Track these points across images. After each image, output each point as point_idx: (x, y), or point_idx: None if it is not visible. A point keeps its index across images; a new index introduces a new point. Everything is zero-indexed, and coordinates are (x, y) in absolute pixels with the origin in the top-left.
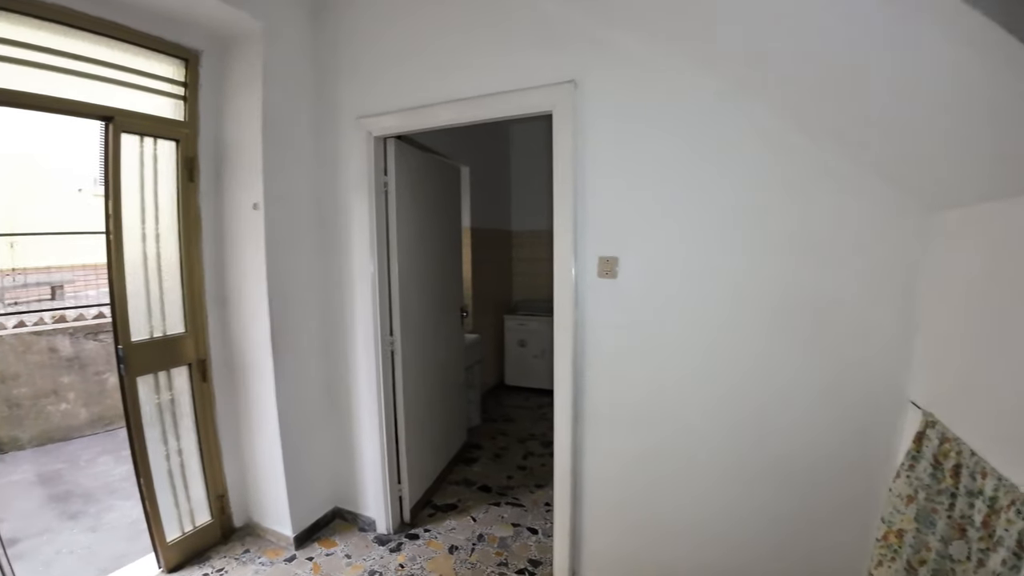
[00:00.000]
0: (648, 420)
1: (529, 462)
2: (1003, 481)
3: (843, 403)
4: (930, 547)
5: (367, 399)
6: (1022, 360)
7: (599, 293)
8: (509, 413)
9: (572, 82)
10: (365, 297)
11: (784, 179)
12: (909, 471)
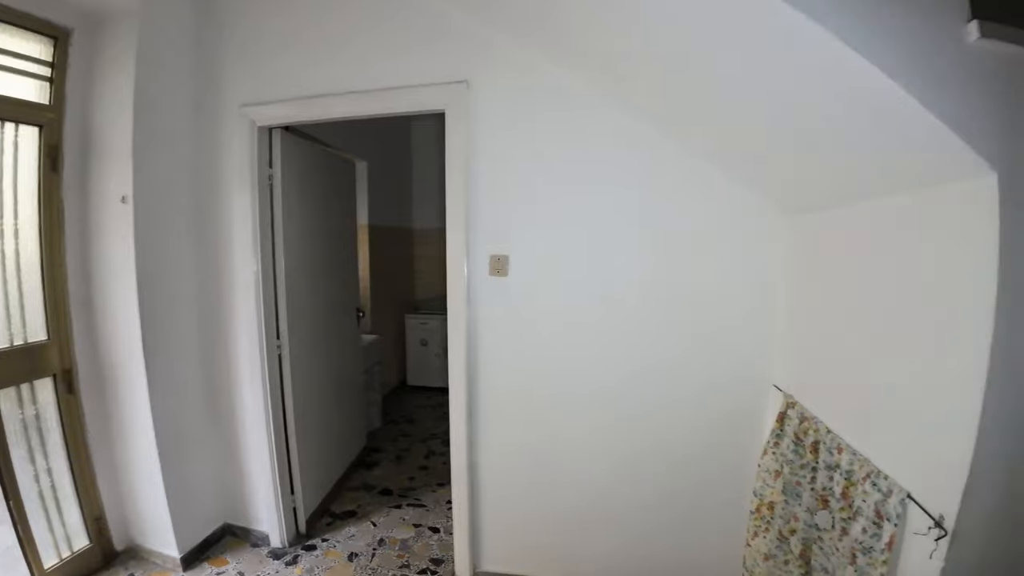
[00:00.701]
0: (540, 412)
1: (431, 461)
2: (857, 455)
3: (717, 388)
4: (798, 517)
5: (253, 407)
6: (849, 347)
7: (491, 290)
8: (412, 414)
9: (464, 82)
10: (248, 298)
11: (662, 182)
12: (775, 448)
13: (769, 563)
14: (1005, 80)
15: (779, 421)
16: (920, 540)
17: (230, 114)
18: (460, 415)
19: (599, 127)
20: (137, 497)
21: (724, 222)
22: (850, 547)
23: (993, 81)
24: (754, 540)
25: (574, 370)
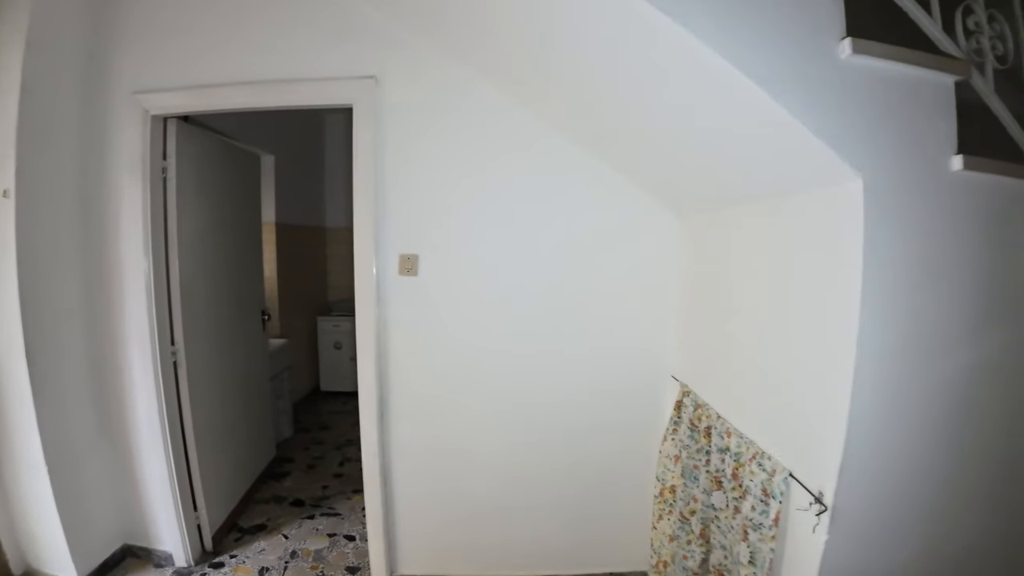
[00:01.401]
0: (452, 410)
1: (346, 468)
2: (744, 438)
3: (620, 380)
4: (697, 499)
5: (148, 418)
6: (735, 338)
7: (401, 290)
8: (325, 420)
9: (373, 78)
10: (139, 300)
11: (569, 184)
12: (673, 434)
13: (674, 544)
14: (873, 93)
15: (676, 409)
16: (804, 515)
17: (122, 102)
18: (371, 419)
19: (509, 130)
20: (29, 518)
21: (625, 223)
22: (742, 524)
23: (862, 94)
24: (659, 523)
25: (484, 368)
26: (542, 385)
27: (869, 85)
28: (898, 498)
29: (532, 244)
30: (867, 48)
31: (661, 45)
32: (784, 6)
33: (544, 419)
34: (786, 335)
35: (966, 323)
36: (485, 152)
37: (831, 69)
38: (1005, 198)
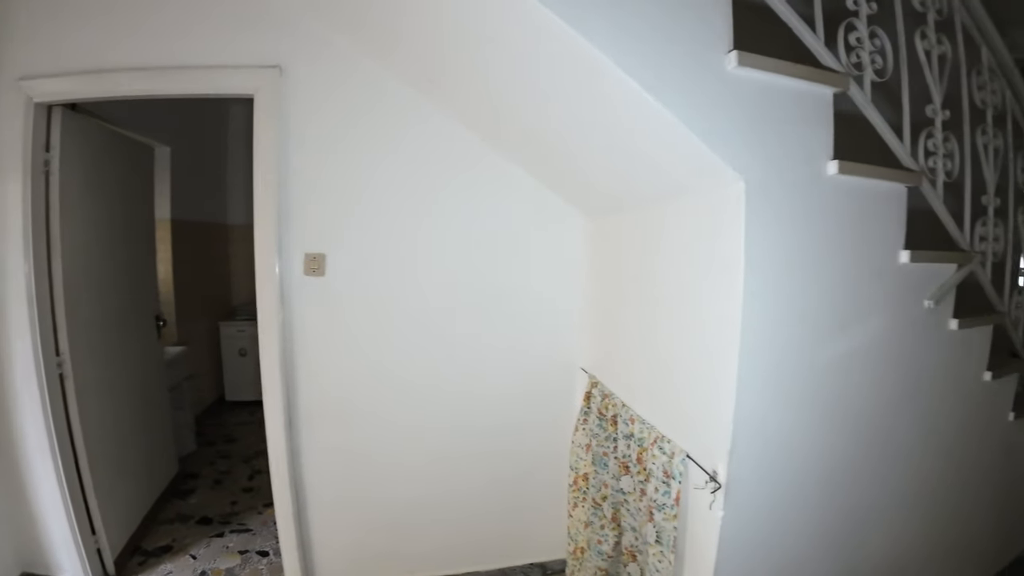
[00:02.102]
0: (367, 414)
1: (256, 482)
2: (646, 424)
3: (533, 375)
4: (607, 484)
5: (35, 437)
6: (636, 330)
7: (308, 291)
8: (232, 432)
9: (277, 67)
10: (19, 308)
11: (481, 184)
12: (583, 424)
13: (589, 530)
14: (757, 102)
15: (586, 400)
16: (702, 494)
17: (5, 89)
18: (278, 428)
19: (422, 128)
20: None
21: (536, 223)
22: (648, 506)
23: (747, 103)
24: (575, 510)
25: (398, 369)
26: (458, 384)
27: (753, 95)
28: (784, 473)
29: (446, 242)
30: (752, 61)
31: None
32: (675, 20)
33: (462, 417)
34: (680, 326)
35: (841, 313)
36: (398, 150)
37: (718, 80)
38: (879, 199)
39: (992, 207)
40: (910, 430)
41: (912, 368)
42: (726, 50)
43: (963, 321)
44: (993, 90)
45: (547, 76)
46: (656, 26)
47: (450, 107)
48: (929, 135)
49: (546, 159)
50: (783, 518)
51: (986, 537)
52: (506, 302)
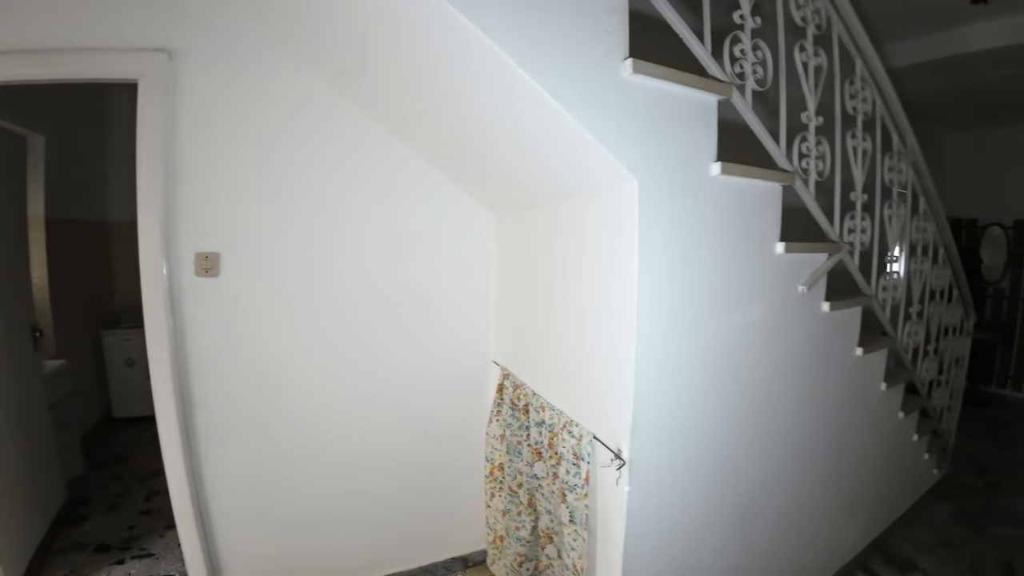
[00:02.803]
0: (273, 422)
1: (155, 503)
2: (556, 410)
3: (448, 371)
4: (521, 472)
5: None
6: (544, 322)
7: (201, 294)
8: (123, 451)
9: (165, 52)
10: None
11: (392, 181)
12: (497, 416)
13: (506, 518)
14: (650, 107)
15: (499, 391)
16: (609, 472)
17: None
18: (174, 443)
19: (331, 122)
20: None
21: (449, 221)
22: (560, 488)
23: (641, 108)
24: (492, 500)
25: (302, 372)
26: (370, 384)
27: (647, 100)
28: (682, 445)
29: (354, 240)
30: (645, 68)
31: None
32: (575, 28)
33: (374, 418)
34: (583, 316)
35: (726, 298)
36: (303, 144)
37: (615, 85)
38: (758, 196)
39: (860, 203)
40: (792, 400)
41: (791, 345)
42: (622, 57)
43: (834, 304)
44: (864, 98)
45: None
46: (557, 32)
47: (359, 102)
48: (803, 139)
49: (456, 158)
50: (684, 486)
51: (869, 496)
52: (417, 300)
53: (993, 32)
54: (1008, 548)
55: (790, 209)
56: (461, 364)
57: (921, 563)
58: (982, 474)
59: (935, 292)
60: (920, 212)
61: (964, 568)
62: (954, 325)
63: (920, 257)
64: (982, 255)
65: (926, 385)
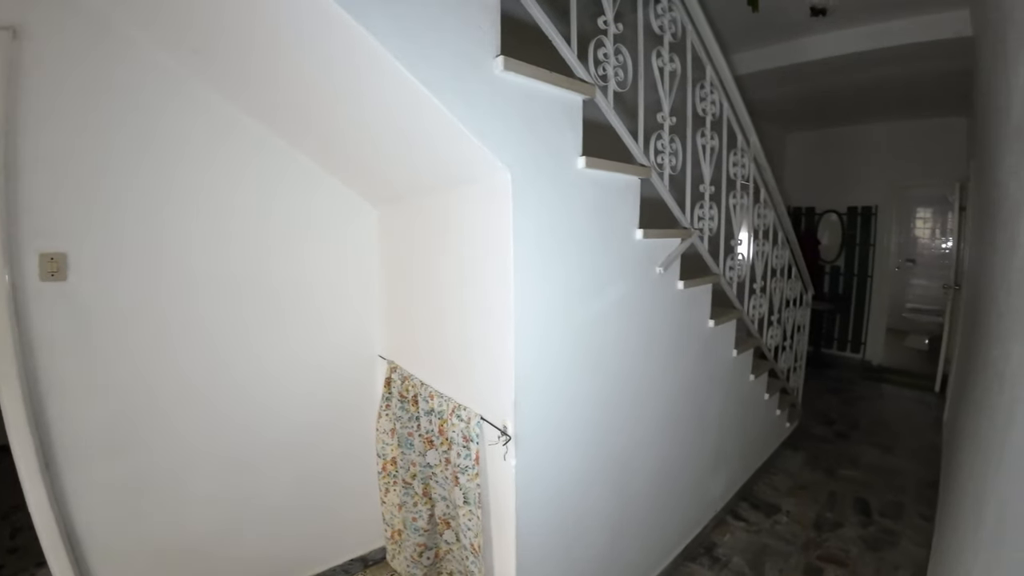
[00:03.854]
0: (144, 437)
1: (20, 540)
2: (444, 397)
3: (332, 369)
4: (415, 463)
5: None
6: (428, 311)
7: (47, 301)
8: None
9: (11, 29)
10: None
11: (267, 173)
12: (386, 410)
13: (403, 511)
14: (521, 104)
15: (386, 385)
16: (497, 449)
17: None
18: (33, 472)
19: (199, 112)
20: None
21: (327, 213)
22: (453, 472)
23: (513, 104)
24: (387, 495)
25: (174, 382)
26: (252, 387)
27: (519, 97)
28: (562, 417)
29: (227, 235)
30: (515, 66)
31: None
32: (450, 26)
33: (259, 423)
34: (465, 302)
35: (593, 281)
36: (168, 133)
37: (487, 81)
38: (620, 188)
39: (708, 194)
40: (657, 369)
41: (653, 320)
42: (494, 55)
43: (687, 282)
44: (713, 101)
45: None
46: (433, 26)
47: (227, 88)
48: (659, 137)
49: (332, 149)
50: (566, 455)
51: (731, 450)
52: (295, 297)
53: (830, 42)
54: (858, 488)
55: (648, 200)
56: (346, 361)
57: (784, 505)
58: (829, 425)
59: (776, 270)
60: (762, 201)
61: (822, 507)
62: (794, 298)
63: (762, 240)
64: (820, 238)
65: (772, 350)
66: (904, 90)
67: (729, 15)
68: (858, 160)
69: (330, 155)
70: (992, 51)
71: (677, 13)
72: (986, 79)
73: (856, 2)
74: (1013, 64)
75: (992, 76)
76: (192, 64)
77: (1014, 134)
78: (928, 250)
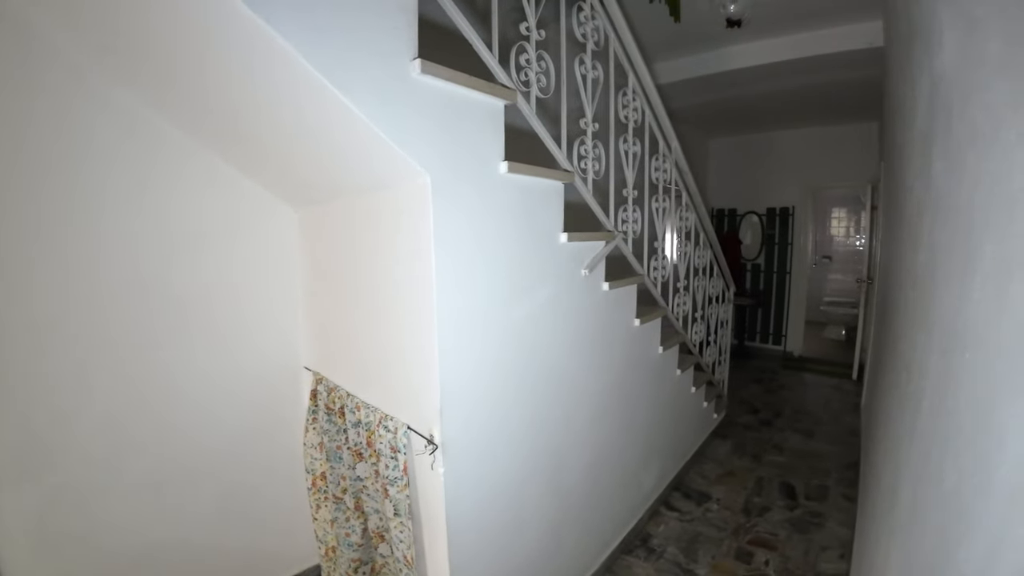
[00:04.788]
0: (55, 462)
1: None
2: (371, 408)
3: (254, 383)
4: (345, 477)
5: None
6: (353, 320)
7: None
8: None
9: None
10: None
11: (172, 172)
12: (313, 424)
13: (335, 527)
14: (440, 107)
15: (312, 398)
16: (425, 458)
17: None
18: None
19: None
20: None
21: (246, 217)
22: (383, 484)
23: (432, 107)
24: (319, 512)
25: (82, 400)
26: (167, 406)
27: (438, 100)
28: (491, 421)
29: (132, 241)
30: (433, 70)
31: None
32: (367, 26)
33: (179, 443)
34: (390, 309)
35: (520, 283)
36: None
37: (405, 84)
38: (544, 193)
39: (631, 198)
40: (586, 368)
41: (580, 321)
42: (411, 57)
43: (612, 283)
44: (635, 108)
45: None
46: (347, 27)
47: (135, 85)
48: (582, 142)
49: (247, 151)
50: (497, 458)
51: (662, 443)
52: (210, 306)
53: (750, 52)
54: (783, 472)
55: (573, 204)
56: (268, 373)
57: (714, 493)
58: (754, 414)
59: (698, 269)
60: (683, 204)
61: (750, 493)
62: (717, 295)
63: (684, 241)
64: (743, 238)
65: (697, 345)
66: (820, 97)
67: (653, 25)
68: (776, 163)
69: (246, 157)
70: (900, 62)
71: (600, 21)
72: (894, 87)
73: (774, 14)
74: (919, 74)
75: (899, 85)
76: (98, 59)
77: (919, 139)
78: (843, 247)
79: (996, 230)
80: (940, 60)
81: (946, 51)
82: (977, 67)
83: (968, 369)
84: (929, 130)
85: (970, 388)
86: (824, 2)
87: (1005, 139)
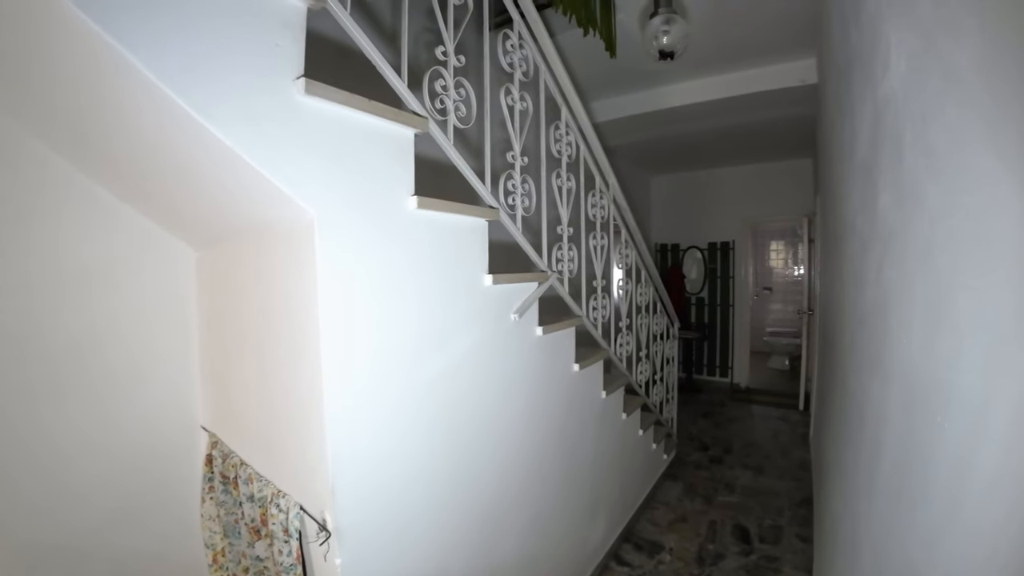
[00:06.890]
0: None
1: None
2: (264, 481)
3: (145, 442)
4: (245, 555)
5: None
6: (249, 378)
7: None
8: None
9: None
10: None
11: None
12: (210, 493)
13: None
14: (331, 135)
15: (208, 464)
16: (322, 547)
17: None
18: None
19: None
20: None
21: (134, 257)
22: (276, 570)
23: (319, 135)
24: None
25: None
26: (35, 475)
27: (329, 127)
28: (402, 497)
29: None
30: (321, 91)
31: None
32: (236, 39)
33: (50, 520)
34: (280, 364)
35: (438, 333)
36: None
37: (287, 108)
38: (464, 231)
39: (566, 235)
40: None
41: (511, 370)
42: (295, 76)
43: (547, 328)
44: (569, 142)
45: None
46: (213, 42)
47: None
48: (509, 177)
49: (130, 183)
50: (416, 532)
51: (609, 493)
52: (87, 357)
53: (687, 91)
54: (736, 514)
55: (502, 243)
56: (160, 434)
57: (666, 542)
58: (704, 451)
59: (641, 307)
60: (623, 241)
61: (703, 540)
62: (661, 332)
63: (625, 279)
64: (687, 272)
65: (643, 385)
66: (756, 135)
67: (590, 61)
68: (715, 199)
69: (130, 189)
70: (837, 95)
71: (528, 51)
72: (830, 121)
73: (709, 53)
74: (859, 106)
75: (836, 118)
76: None
77: (859, 171)
78: (782, 278)
79: (973, 278)
80: (886, 86)
81: (892, 75)
82: (938, 84)
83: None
84: (873, 161)
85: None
86: (757, 41)
87: (981, 167)
